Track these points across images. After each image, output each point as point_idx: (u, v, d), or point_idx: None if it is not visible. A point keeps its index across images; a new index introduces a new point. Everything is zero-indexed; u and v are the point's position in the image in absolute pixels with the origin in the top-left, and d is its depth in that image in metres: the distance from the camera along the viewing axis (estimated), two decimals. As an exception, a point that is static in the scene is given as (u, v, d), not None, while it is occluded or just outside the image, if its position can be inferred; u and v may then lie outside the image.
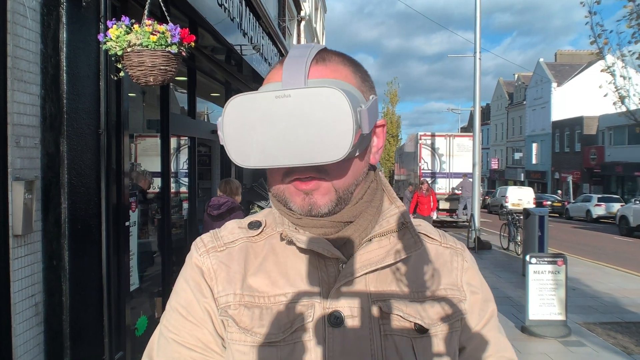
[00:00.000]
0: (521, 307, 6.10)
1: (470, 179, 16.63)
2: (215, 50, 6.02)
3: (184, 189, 6.20)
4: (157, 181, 5.01)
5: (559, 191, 34.01)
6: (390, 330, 0.76)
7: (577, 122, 35.14)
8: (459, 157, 18.22)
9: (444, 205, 17.43)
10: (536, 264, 5.41)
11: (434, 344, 0.78)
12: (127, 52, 2.57)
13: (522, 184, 40.21)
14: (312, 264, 0.78)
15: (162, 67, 2.63)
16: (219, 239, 0.83)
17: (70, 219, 2.75)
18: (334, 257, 0.77)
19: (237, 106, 0.69)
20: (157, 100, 4.83)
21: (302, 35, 16.92)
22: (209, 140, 6.76)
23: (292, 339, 0.73)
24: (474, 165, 13.43)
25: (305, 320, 0.74)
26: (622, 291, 7.74)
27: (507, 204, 24.25)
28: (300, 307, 0.75)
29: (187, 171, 6.05)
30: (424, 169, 18.30)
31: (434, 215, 13.89)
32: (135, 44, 2.55)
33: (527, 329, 5.36)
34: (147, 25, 2.59)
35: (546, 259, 5.46)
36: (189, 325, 0.78)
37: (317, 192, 0.73)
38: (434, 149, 18.44)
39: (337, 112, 0.65)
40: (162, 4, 2.94)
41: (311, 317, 0.74)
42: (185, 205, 6.07)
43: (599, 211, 23.29)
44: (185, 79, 5.62)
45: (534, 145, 41.55)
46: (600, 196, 25.05)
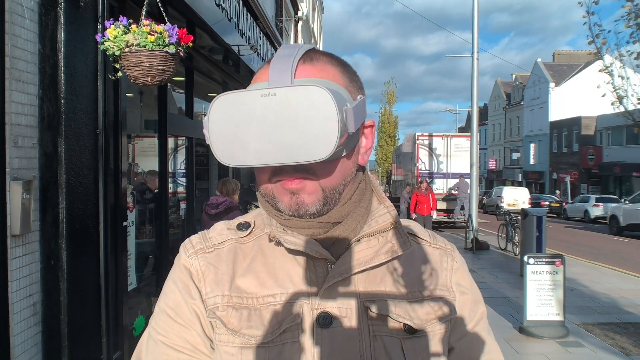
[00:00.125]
0: (519, 307, 6.11)
1: (466, 180, 16.67)
2: (212, 50, 6.03)
3: (181, 189, 6.20)
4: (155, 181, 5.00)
5: (557, 191, 34.06)
6: (379, 330, 0.76)
7: (575, 122, 35.21)
8: (456, 157, 18.22)
9: (441, 205, 17.41)
10: (534, 264, 5.41)
11: (423, 344, 0.78)
12: (125, 52, 2.58)
13: (519, 184, 40.27)
14: (300, 265, 0.77)
15: (159, 67, 2.63)
16: (208, 240, 0.83)
17: (68, 219, 2.75)
18: (323, 258, 0.76)
19: (222, 105, 0.68)
20: (155, 100, 4.83)
21: (300, 35, 16.92)
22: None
23: (280, 340, 0.73)
24: (471, 165, 13.44)
25: (293, 321, 0.74)
26: (620, 292, 7.76)
27: (502, 204, 24.57)
28: (288, 308, 0.74)
29: (184, 171, 6.05)
30: (421, 169, 18.30)
31: (434, 214, 13.82)
32: (132, 44, 2.55)
33: (525, 329, 5.37)
34: (144, 25, 2.60)
35: (544, 260, 5.46)
36: (177, 327, 0.78)
37: (303, 192, 0.72)
38: (431, 149, 18.45)
39: (322, 110, 0.64)
40: (159, 4, 2.94)
41: (300, 317, 0.74)
42: (182, 205, 6.06)
43: (597, 211, 23.33)
44: (182, 79, 5.61)
45: (532, 145, 41.62)
46: (598, 196, 25.10)
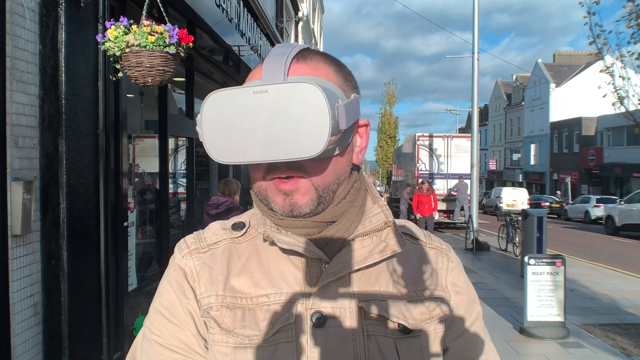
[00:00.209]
0: (519, 308, 6.10)
1: (465, 181, 16.66)
2: (213, 51, 6.03)
3: (182, 190, 6.20)
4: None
5: (558, 192, 34.02)
6: (373, 330, 0.75)
7: (576, 123, 35.20)
8: (456, 158, 18.19)
9: (441, 206, 17.36)
10: (535, 265, 5.40)
11: (417, 344, 0.77)
12: (126, 53, 2.58)
13: (520, 185, 40.25)
14: (294, 265, 0.77)
15: (160, 68, 2.63)
16: (202, 240, 0.83)
17: (68, 219, 2.75)
18: (317, 258, 0.76)
19: (215, 102, 0.68)
20: (155, 101, 4.83)
21: (300, 36, 16.93)
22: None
23: (274, 340, 0.73)
24: (472, 166, 13.42)
25: (287, 321, 0.73)
26: (621, 292, 7.75)
27: (501, 205, 24.68)
28: (282, 308, 0.74)
29: (185, 172, 6.05)
30: (421, 170, 18.27)
31: (436, 215, 13.64)
32: (133, 45, 2.55)
33: (525, 330, 5.36)
34: (145, 25, 2.60)
35: (545, 260, 5.45)
36: (172, 326, 0.78)
37: (297, 192, 0.72)
38: (431, 150, 18.43)
39: (313, 107, 0.64)
40: (160, 5, 2.94)
41: (293, 317, 0.74)
42: (183, 205, 6.06)
43: (598, 212, 23.28)
44: (183, 79, 5.62)
45: (532, 146, 41.60)
46: (598, 197, 25.08)
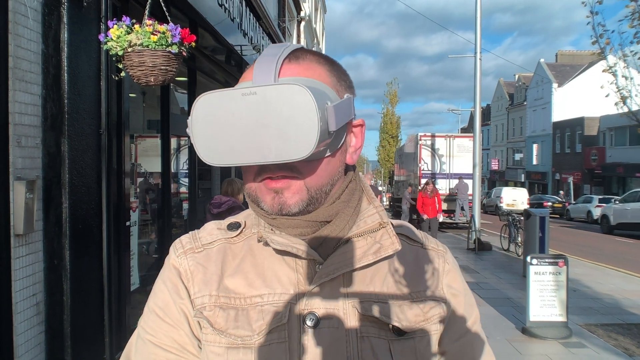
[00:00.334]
0: (522, 308, 6.09)
1: (465, 181, 16.65)
2: (215, 50, 6.04)
3: (184, 189, 6.20)
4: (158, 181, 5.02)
5: (561, 192, 33.93)
6: (367, 332, 0.75)
7: (578, 122, 35.13)
8: (459, 157, 18.18)
9: (442, 206, 17.36)
10: (537, 265, 5.39)
11: (412, 346, 0.77)
12: (128, 52, 2.58)
13: (522, 185, 40.19)
14: (288, 265, 0.77)
15: (162, 67, 2.63)
16: (197, 240, 0.83)
17: (71, 218, 2.75)
18: (311, 258, 0.76)
19: (204, 104, 0.68)
20: (158, 100, 4.84)
21: (302, 35, 16.93)
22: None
23: (267, 341, 0.72)
24: (474, 166, 13.39)
25: (280, 321, 0.73)
26: (623, 292, 7.73)
27: (502, 205, 24.79)
28: (275, 309, 0.74)
29: (187, 171, 6.06)
30: (423, 170, 18.26)
31: (440, 217, 13.05)
32: (135, 44, 2.55)
33: (527, 330, 5.35)
34: (147, 25, 2.60)
35: (547, 260, 5.44)
36: (166, 326, 0.78)
37: (287, 191, 0.72)
38: (434, 150, 18.41)
39: (301, 109, 0.63)
40: (162, 4, 2.94)
41: (286, 318, 0.73)
42: (185, 205, 6.07)
43: (600, 212, 23.27)
44: (185, 79, 5.62)
45: (535, 146, 41.52)
46: (601, 197, 25.02)
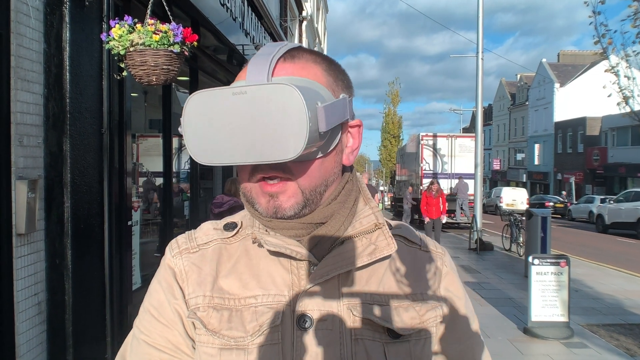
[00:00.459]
0: (523, 308, 6.09)
1: (465, 181, 16.64)
2: (217, 50, 6.04)
3: (185, 185, 6.20)
4: (159, 181, 5.02)
5: (564, 192, 33.86)
6: (361, 334, 0.74)
7: (580, 122, 35.06)
8: (460, 157, 18.18)
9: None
10: (539, 265, 5.38)
11: (406, 349, 0.76)
12: (130, 52, 2.58)
13: (524, 185, 40.13)
14: (283, 266, 0.76)
15: (164, 67, 2.63)
16: (193, 240, 0.82)
17: (73, 218, 2.75)
18: (305, 259, 0.75)
19: (196, 103, 0.68)
20: (159, 100, 4.84)
21: (304, 35, 16.93)
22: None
23: (260, 342, 0.72)
24: (476, 166, 13.36)
25: (274, 323, 0.73)
26: (625, 293, 7.71)
27: (501, 204, 24.95)
28: (269, 310, 0.74)
29: (188, 171, 6.06)
30: (425, 170, 18.25)
31: (444, 218, 12.56)
32: (137, 44, 2.55)
33: (529, 330, 5.34)
34: (149, 24, 2.60)
35: (549, 260, 5.43)
36: (160, 326, 0.78)
37: (283, 195, 0.71)
38: (435, 150, 18.41)
39: (291, 109, 0.63)
40: (164, 4, 2.94)
41: (280, 319, 0.73)
42: (186, 204, 6.07)
43: (596, 211, 23.24)
44: (187, 78, 5.62)
45: (537, 146, 41.43)
46: (602, 197, 24.97)
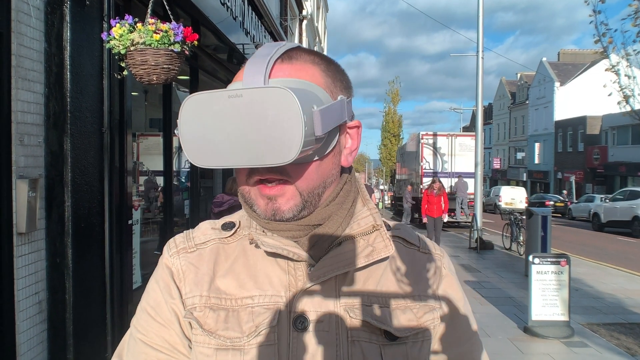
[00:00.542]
0: (524, 307, 6.09)
1: (464, 180, 16.64)
2: (217, 49, 6.04)
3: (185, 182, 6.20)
4: (160, 180, 5.02)
5: (564, 191, 33.84)
6: (357, 336, 0.74)
7: (580, 121, 35.05)
8: (460, 156, 18.20)
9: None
10: (539, 264, 5.39)
11: (403, 352, 0.75)
12: (131, 51, 2.58)
13: (524, 184, 40.13)
14: (280, 267, 0.76)
15: (165, 66, 2.64)
16: (191, 240, 0.82)
17: (73, 217, 2.76)
18: (302, 260, 0.75)
19: (192, 105, 0.67)
20: (160, 99, 4.84)
21: (304, 34, 16.92)
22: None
23: (256, 343, 0.72)
24: (476, 164, 13.36)
25: (270, 323, 0.72)
26: (625, 292, 7.72)
27: (500, 203, 25.17)
28: (266, 311, 0.73)
29: (189, 170, 6.06)
30: (425, 169, 18.27)
31: (445, 217, 12.36)
32: (138, 43, 2.56)
33: (529, 329, 5.35)
34: (150, 24, 2.60)
35: (549, 259, 5.43)
36: (157, 326, 0.78)
37: (281, 198, 0.71)
38: (435, 149, 18.42)
39: (286, 112, 0.62)
40: (165, 3, 2.94)
41: (276, 320, 0.73)
42: (187, 203, 6.07)
43: (592, 210, 23.22)
44: (187, 78, 5.62)
45: (537, 145, 41.43)
46: (603, 196, 24.96)
